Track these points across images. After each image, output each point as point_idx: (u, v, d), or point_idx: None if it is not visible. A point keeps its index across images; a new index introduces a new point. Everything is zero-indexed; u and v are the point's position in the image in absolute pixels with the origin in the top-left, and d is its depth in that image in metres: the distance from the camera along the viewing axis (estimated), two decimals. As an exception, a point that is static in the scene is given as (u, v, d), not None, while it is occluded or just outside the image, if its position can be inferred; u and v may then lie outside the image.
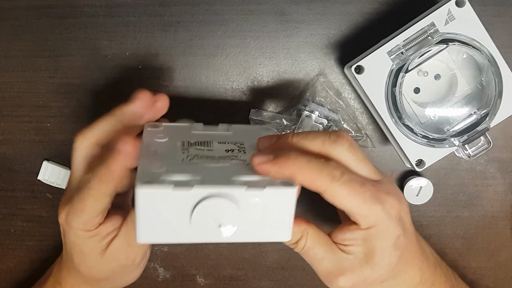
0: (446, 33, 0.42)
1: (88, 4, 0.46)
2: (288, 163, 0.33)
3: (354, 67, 0.42)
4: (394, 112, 0.43)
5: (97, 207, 0.36)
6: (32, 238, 0.50)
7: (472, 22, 0.42)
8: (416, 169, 0.44)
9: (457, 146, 0.43)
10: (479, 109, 0.43)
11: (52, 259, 0.50)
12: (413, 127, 0.43)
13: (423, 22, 0.42)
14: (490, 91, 0.43)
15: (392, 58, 0.42)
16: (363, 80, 0.43)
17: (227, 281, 0.51)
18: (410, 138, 0.44)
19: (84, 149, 0.37)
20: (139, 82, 0.47)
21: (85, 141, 0.37)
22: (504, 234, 0.51)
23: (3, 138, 0.48)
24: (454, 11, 0.41)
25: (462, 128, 0.43)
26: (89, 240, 0.37)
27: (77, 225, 0.36)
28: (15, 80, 0.47)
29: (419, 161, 0.44)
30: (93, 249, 0.38)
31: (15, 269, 0.50)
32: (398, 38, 0.42)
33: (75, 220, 0.36)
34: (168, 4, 0.47)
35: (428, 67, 0.44)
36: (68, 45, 0.47)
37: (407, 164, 0.46)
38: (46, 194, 0.49)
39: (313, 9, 0.47)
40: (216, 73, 0.48)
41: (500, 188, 0.50)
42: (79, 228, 0.36)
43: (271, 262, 0.51)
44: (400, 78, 0.42)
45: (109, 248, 0.38)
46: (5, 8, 0.46)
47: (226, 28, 0.47)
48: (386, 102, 0.43)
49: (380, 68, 0.42)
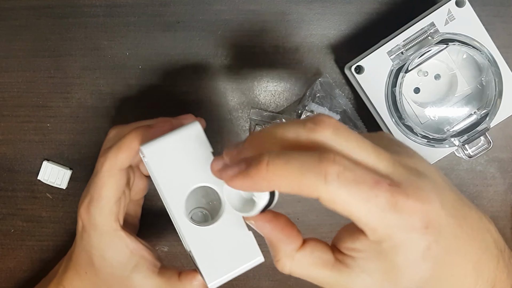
0: (446, 33, 0.42)
1: (88, 4, 0.46)
2: (262, 172, 0.25)
3: (354, 67, 0.42)
4: (394, 112, 0.43)
5: (114, 186, 0.36)
6: (32, 238, 0.50)
7: (472, 22, 0.42)
8: None
9: (457, 146, 0.43)
10: (479, 109, 0.43)
11: (52, 259, 0.50)
12: (413, 127, 0.43)
13: (423, 22, 0.42)
14: (490, 91, 0.43)
15: (392, 58, 0.42)
16: (363, 80, 0.43)
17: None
18: (410, 138, 0.44)
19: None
20: (139, 82, 0.47)
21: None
22: (504, 234, 0.51)
23: (3, 138, 0.48)
24: (454, 11, 0.41)
25: (462, 128, 0.43)
26: (114, 240, 0.37)
27: (101, 218, 0.37)
28: (15, 80, 0.47)
29: None
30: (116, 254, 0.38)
31: (15, 269, 0.50)
32: (398, 38, 0.42)
33: (97, 210, 0.36)
34: (168, 4, 0.47)
35: (428, 67, 0.44)
36: (68, 45, 0.47)
37: None
38: (46, 194, 0.49)
39: (313, 9, 0.47)
40: (216, 73, 0.48)
41: (500, 188, 0.50)
42: (104, 222, 0.37)
43: (271, 262, 0.51)
44: (400, 78, 0.42)
45: (136, 274, 0.38)
46: (5, 8, 0.46)
47: (226, 28, 0.47)
48: (386, 102, 0.43)
49: (380, 68, 0.42)
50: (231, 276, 0.34)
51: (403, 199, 0.25)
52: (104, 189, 0.36)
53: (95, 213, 0.37)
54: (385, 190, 0.25)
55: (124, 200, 0.39)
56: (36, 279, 0.49)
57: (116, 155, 0.36)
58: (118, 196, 0.37)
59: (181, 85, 0.48)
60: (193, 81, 0.48)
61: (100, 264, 0.38)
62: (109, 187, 0.37)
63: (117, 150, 0.36)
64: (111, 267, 0.38)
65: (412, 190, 0.26)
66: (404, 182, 0.26)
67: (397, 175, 0.26)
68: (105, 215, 0.37)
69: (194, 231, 0.33)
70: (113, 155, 0.36)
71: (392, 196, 0.25)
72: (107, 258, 0.38)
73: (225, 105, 0.48)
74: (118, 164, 0.36)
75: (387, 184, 0.25)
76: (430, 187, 0.27)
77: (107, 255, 0.38)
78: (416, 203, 0.25)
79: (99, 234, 0.37)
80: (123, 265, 0.38)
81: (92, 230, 0.37)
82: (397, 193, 0.25)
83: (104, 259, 0.38)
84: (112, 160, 0.36)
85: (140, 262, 0.38)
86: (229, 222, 0.34)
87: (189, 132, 0.34)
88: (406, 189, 0.26)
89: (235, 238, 0.34)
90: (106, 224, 0.37)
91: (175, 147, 0.33)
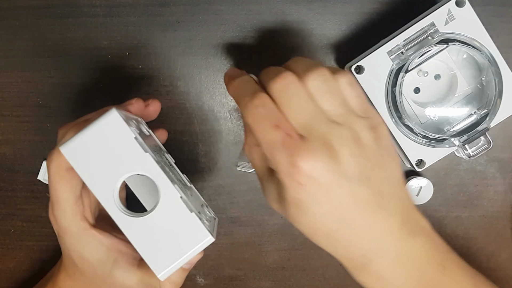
0: (446, 33, 0.42)
1: (88, 4, 0.46)
2: (228, 85, 0.36)
3: (354, 67, 0.42)
4: (394, 112, 0.43)
5: (67, 186, 0.35)
6: (32, 238, 0.50)
7: (472, 22, 0.42)
8: (416, 169, 0.44)
9: (457, 146, 0.43)
10: (479, 109, 0.43)
11: (52, 259, 0.50)
12: (413, 127, 0.43)
13: (423, 22, 0.42)
14: (490, 91, 0.43)
15: (392, 58, 0.42)
16: (363, 80, 0.43)
17: (227, 281, 0.51)
18: (410, 138, 0.44)
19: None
20: (139, 82, 0.47)
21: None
22: (504, 234, 0.51)
23: (3, 138, 0.48)
24: (454, 11, 0.41)
25: (462, 128, 0.43)
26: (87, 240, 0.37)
27: (65, 220, 0.36)
28: (15, 80, 0.47)
29: (419, 161, 0.44)
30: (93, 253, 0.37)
31: (15, 269, 0.50)
32: (398, 38, 0.42)
33: (59, 213, 0.36)
34: (168, 4, 0.47)
35: (428, 67, 0.44)
36: (68, 45, 0.47)
37: (407, 164, 0.46)
38: (46, 194, 0.49)
39: (313, 9, 0.47)
40: (216, 73, 0.48)
41: (500, 188, 0.50)
42: (70, 224, 0.36)
43: (271, 262, 0.51)
44: (400, 78, 0.42)
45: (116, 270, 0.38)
46: (5, 8, 0.46)
47: (226, 28, 0.47)
48: (386, 102, 0.43)
49: (380, 68, 0.42)
50: (180, 263, 0.33)
51: (303, 153, 0.30)
52: (58, 192, 0.35)
53: (59, 217, 0.36)
54: (285, 136, 0.31)
55: (89, 197, 0.38)
56: (36, 279, 0.49)
57: (58, 156, 0.35)
58: (76, 195, 0.36)
59: (181, 85, 0.48)
60: (193, 81, 0.48)
61: (82, 265, 0.38)
62: (62, 189, 0.35)
63: (58, 150, 0.35)
64: (92, 266, 0.38)
65: (309, 150, 0.30)
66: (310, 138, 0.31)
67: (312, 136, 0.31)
68: (68, 216, 0.36)
69: (131, 223, 0.33)
70: (56, 156, 0.35)
71: (290, 144, 0.31)
72: (85, 258, 0.37)
73: (225, 105, 0.48)
74: (63, 164, 0.35)
75: (291, 137, 0.31)
76: (325, 148, 0.31)
77: (85, 255, 0.37)
78: (301, 163, 0.30)
79: (70, 236, 0.37)
80: (103, 263, 0.37)
81: (63, 234, 0.37)
82: (296, 146, 0.31)
83: (83, 260, 0.37)
84: (56, 161, 0.35)
85: (118, 257, 0.38)
86: (168, 208, 0.33)
87: (106, 121, 0.32)
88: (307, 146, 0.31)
89: (178, 223, 0.33)
90: (73, 225, 0.36)
91: (95, 140, 0.32)
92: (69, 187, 0.35)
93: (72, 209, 0.36)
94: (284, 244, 0.51)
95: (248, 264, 0.51)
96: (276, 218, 0.50)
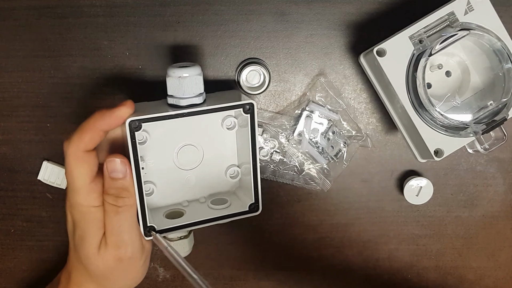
0: (466, 23, 0.42)
1: (88, 4, 0.46)
2: None
3: (376, 50, 0.42)
4: (414, 98, 0.43)
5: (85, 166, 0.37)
6: (32, 238, 0.50)
7: (489, 14, 0.42)
8: (435, 159, 0.44)
9: (476, 136, 0.43)
10: (495, 100, 0.43)
11: (52, 259, 0.50)
12: (433, 112, 0.43)
13: (443, 10, 0.42)
14: (507, 81, 0.42)
15: (413, 43, 0.42)
16: (385, 63, 0.42)
17: (227, 281, 0.51)
18: (429, 126, 0.43)
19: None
20: (139, 82, 0.47)
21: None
22: (504, 234, 0.51)
23: (3, 138, 0.48)
24: (473, 2, 0.42)
25: (480, 117, 0.43)
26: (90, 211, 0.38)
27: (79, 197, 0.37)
28: (15, 80, 0.47)
29: (437, 151, 0.44)
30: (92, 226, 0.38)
31: (15, 269, 0.50)
32: (419, 24, 0.42)
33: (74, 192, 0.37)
34: (168, 4, 0.47)
35: (441, 62, 0.45)
36: (68, 45, 0.47)
37: (418, 157, 0.45)
38: (46, 194, 0.49)
39: (313, 9, 0.47)
40: (216, 73, 0.48)
41: (500, 188, 0.51)
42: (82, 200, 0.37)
43: (271, 262, 0.51)
44: (422, 62, 0.42)
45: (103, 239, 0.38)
46: (5, 8, 0.46)
47: (226, 28, 0.47)
48: (407, 87, 0.43)
49: (401, 52, 0.42)
50: None
51: None
52: (74, 172, 0.37)
53: (74, 195, 0.37)
54: None
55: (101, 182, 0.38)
56: (36, 279, 0.49)
57: (80, 137, 0.36)
58: (93, 175, 0.37)
59: (181, 85, 0.48)
60: (193, 81, 0.48)
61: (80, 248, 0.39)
62: (80, 170, 0.37)
63: (80, 131, 0.36)
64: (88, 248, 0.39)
65: None
66: None
67: None
68: (83, 194, 0.37)
69: None
70: (77, 137, 0.36)
71: None
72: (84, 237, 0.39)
73: (225, 105, 0.48)
74: (82, 146, 0.36)
75: None
76: None
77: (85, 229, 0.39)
78: None
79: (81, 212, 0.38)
80: None
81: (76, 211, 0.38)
82: None
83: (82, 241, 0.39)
84: (76, 142, 0.36)
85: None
86: None
87: None
88: None
89: None
90: (86, 202, 0.37)
91: None
92: (86, 167, 0.37)
93: (88, 187, 0.37)
94: (284, 244, 0.51)
95: (248, 264, 0.51)
96: (276, 218, 0.50)
